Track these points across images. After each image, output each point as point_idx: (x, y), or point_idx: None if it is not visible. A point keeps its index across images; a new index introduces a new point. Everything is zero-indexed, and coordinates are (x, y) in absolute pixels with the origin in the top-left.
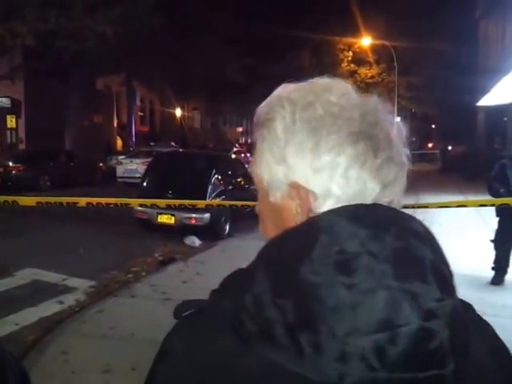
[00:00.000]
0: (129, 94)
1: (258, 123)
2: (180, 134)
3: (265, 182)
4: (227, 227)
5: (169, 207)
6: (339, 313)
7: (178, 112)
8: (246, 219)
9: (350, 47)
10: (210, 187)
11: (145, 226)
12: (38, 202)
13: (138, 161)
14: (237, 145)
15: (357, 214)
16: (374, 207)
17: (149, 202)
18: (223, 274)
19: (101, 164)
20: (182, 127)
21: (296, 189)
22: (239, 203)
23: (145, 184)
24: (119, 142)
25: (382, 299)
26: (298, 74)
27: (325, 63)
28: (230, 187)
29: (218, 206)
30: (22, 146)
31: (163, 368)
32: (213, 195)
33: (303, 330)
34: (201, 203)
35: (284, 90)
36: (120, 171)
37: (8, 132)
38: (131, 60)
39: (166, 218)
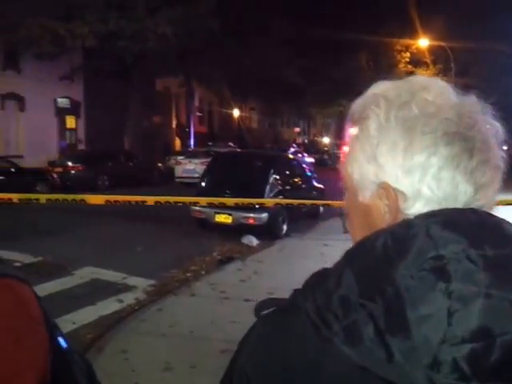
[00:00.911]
0: (188, 95)
1: (351, 121)
2: (237, 134)
3: (354, 180)
4: (284, 227)
5: (228, 206)
6: (435, 319)
7: (236, 112)
8: (303, 219)
9: (407, 48)
10: (268, 187)
11: (202, 226)
12: (106, 201)
13: (196, 161)
14: (294, 145)
15: (453, 219)
16: (470, 212)
17: (216, 200)
18: (281, 274)
19: (159, 164)
20: (240, 127)
21: (385, 189)
22: (309, 202)
23: (203, 184)
24: (177, 143)
25: (480, 307)
26: (354, 76)
27: (382, 64)
28: (288, 187)
29: (279, 205)
30: (81, 147)
31: (243, 365)
32: (271, 195)
33: (394, 335)
34: (268, 201)
35: (379, 87)
36: (178, 171)
37: (67, 132)
38: (190, 61)
39: (223, 218)
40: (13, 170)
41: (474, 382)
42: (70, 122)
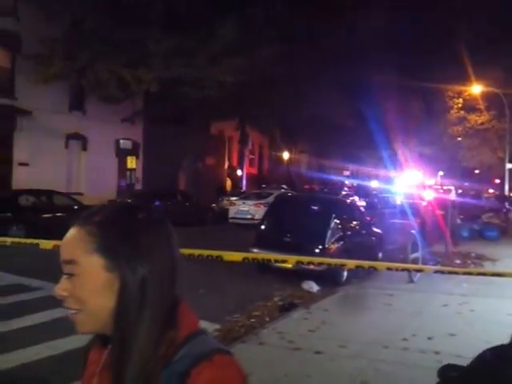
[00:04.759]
0: (242, 138)
1: None
2: (286, 176)
3: None
4: (345, 273)
5: (287, 251)
6: None
7: (286, 155)
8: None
9: (459, 94)
10: (329, 232)
11: (261, 268)
12: (244, 258)
13: (250, 202)
14: (345, 188)
15: None
16: None
17: (281, 258)
18: (350, 325)
19: (213, 205)
20: (289, 170)
21: None
22: (367, 264)
23: (263, 226)
24: (228, 184)
25: None
26: (406, 120)
27: (434, 109)
28: (349, 232)
29: (338, 257)
30: (138, 186)
31: None
32: (332, 240)
33: None
34: (330, 261)
35: None
36: (232, 212)
37: (128, 172)
38: (246, 106)
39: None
40: (76, 207)
41: None
42: (131, 162)
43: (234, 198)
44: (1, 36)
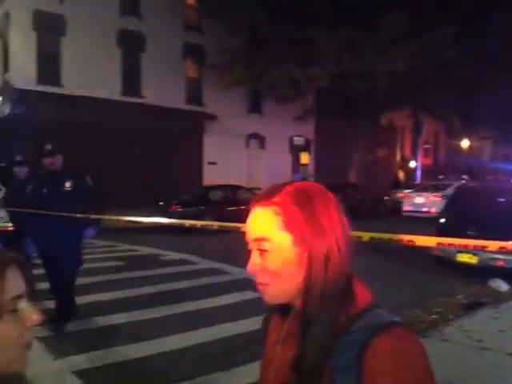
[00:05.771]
0: (415, 127)
1: None
2: (466, 166)
3: None
4: None
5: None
6: None
7: (465, 143)
8: None
9: None
10: None
11: (442, 264)
12: (438, 243)
13: (426, 195)
14: None
15: None
16: None
17: (481, 244)
18: None
19: (386, 197)
20: (469, 159)
21: None
22: None
23: (444, 220)
24: (401, 175)
25: None
26: None
27: None
28: None
29: None
30: (310, 180)
31: None
32: None
33: None
34: None
35: None
36: (406, 205)
37: (301, 167)
38: (419, 93)
39: (467, 257)
40: None
41: None
42: (304, 157)
43: (408, 191)
44: (189, 50)
